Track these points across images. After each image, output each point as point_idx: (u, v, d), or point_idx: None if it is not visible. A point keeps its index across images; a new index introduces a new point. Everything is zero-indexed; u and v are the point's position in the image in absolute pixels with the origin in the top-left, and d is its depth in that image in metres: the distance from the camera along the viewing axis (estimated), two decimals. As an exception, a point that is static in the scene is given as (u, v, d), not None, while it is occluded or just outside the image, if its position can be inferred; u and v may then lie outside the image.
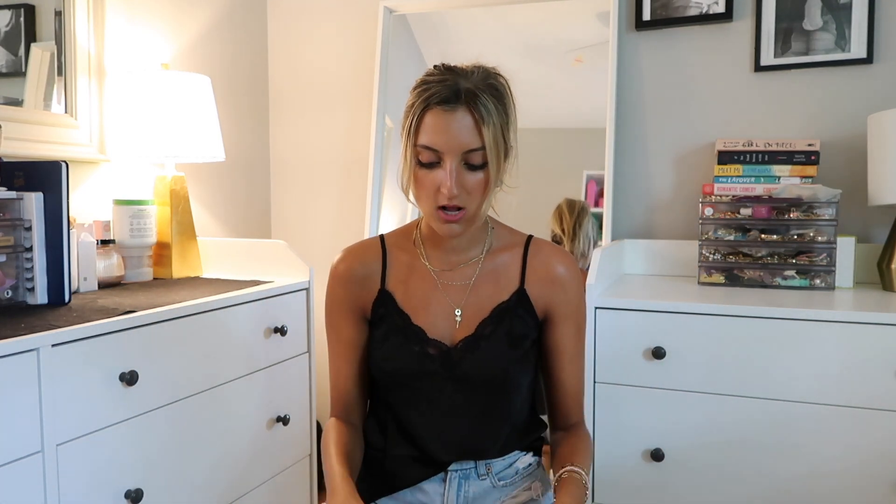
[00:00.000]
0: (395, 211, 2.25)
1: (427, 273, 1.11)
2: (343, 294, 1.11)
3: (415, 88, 1.02)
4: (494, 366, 1.05)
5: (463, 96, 0.97)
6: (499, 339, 1.06)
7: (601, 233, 1.94)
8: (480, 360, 1.05)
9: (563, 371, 1.12)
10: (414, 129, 1.00)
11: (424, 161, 1.00)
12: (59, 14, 1.67)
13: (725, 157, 1.76)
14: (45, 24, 1.65)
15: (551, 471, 1.11)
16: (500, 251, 1.12)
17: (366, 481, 1.12)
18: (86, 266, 1.49)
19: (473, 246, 1.11)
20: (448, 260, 1.11)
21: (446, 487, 1.08)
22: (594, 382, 1.53)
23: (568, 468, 1.03)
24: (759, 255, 1.70)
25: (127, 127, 1.71)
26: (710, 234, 1.74)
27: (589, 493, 1.04)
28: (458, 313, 1.08)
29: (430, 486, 1.09)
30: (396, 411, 1.09)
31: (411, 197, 1.05)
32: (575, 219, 1.94)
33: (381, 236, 1.16)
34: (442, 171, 0.99)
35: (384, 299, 1.10)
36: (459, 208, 1.00)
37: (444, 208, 1.00)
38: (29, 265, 1.29)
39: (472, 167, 1.00)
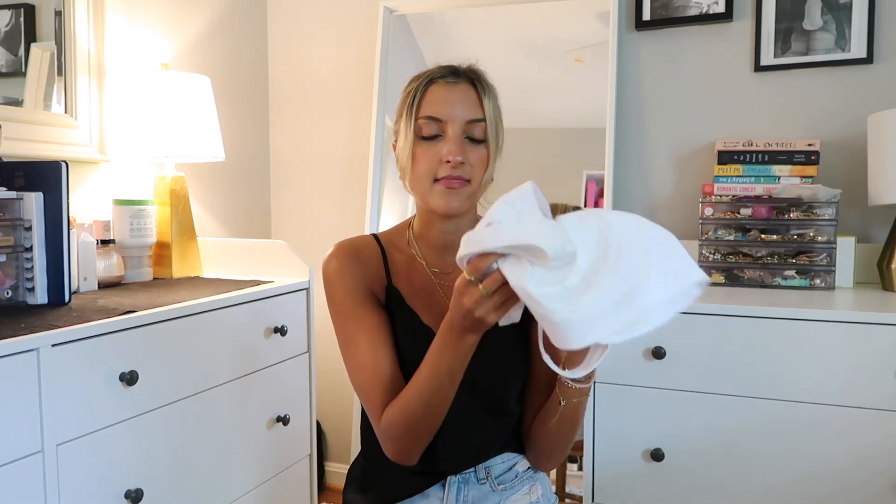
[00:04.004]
0: (395, 211, 2.25)
1: (425, 273, 1.09)
2: (353, 280, 1.05)
3: (413, 79, 1.05)
4: (498, 367, 1.04)
5: (465, 73, 1.03)
6: (499, 340, 1.04)
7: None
8: (485, 363, 1.03)
9: (542, 365, 1.08)
10: (417, 104, 1.01)
11: (426, 134, 1.00)
12: (59, 14, 1.67)
13: (725, 157, 1.76)
14: (45, 24, 1.65)
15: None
16: None
17: (363, 493, 1.11)
18: (86, 266, 1.49)
19: None
20: (443, 260, 1.09)
21: (445, 492, 1.07)
22: (594, 382, 1.53)
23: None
24: (759, 255, 1.70)
25: (127, 127, 1.71)
26: (710, 233, 1.74)
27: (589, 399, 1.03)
28: None
29: (430, 491, 1.08)
30: None
31: (408, 181, 1.04)
32: None
33: (373, 235, 1.13)
34: (444, 143, 0.99)
35: (393, 295, 1.07)
36: (461, 180, 1.00)
37: (446, 179, 0.99)
38: (29, 265, 1.29)
39: (473, 141, 1.01)
